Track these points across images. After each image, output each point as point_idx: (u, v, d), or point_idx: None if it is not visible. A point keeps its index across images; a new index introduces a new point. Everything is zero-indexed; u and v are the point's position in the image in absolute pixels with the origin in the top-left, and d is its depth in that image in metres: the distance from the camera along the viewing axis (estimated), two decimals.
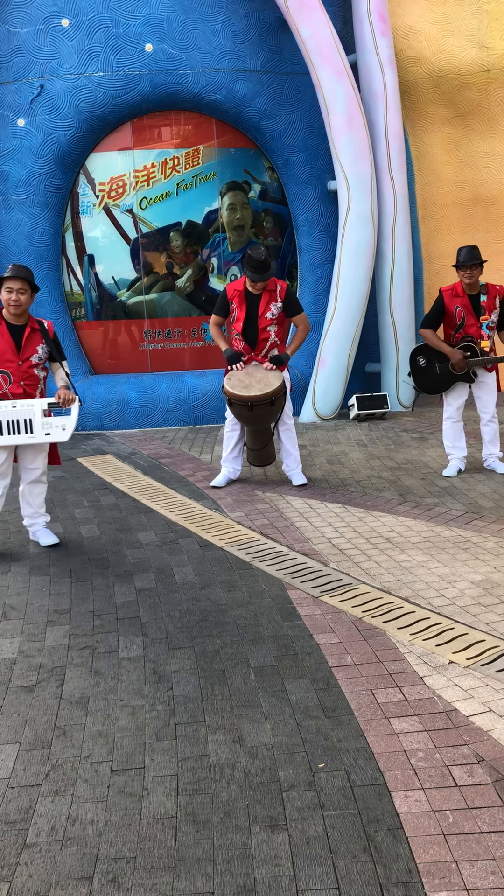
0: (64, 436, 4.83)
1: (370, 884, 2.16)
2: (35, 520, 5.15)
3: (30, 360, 4.87)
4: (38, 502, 5.10)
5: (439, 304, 6.07)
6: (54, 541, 5.11)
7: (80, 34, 8.29)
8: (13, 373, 4.85)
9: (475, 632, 3.60)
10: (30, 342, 4.87)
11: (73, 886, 2.21)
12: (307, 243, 9.14)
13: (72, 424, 4.85)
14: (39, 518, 5.16)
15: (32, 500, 5.08)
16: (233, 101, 8.51)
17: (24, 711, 3.13)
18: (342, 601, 4.01)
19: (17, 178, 8.61)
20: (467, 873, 2.17)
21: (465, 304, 5.98)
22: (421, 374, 6.26)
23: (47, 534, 5.15)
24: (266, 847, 2.32)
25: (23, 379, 4.87)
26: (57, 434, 4.83)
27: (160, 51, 8.30)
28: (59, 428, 4.83)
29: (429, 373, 6.21)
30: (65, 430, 4.83)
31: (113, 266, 9.02)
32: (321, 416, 8.79)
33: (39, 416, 4.80)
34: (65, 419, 4.85)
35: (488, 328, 5.98)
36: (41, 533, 5.15)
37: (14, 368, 4.85)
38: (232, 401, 5.80)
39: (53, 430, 4.82)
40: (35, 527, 5.16)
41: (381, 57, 8.49)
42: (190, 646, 3.62)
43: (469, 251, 5.88)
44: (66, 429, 4.84)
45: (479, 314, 5.98)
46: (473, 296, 5.99)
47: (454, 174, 9.67)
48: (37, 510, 5.12)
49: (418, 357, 6.25)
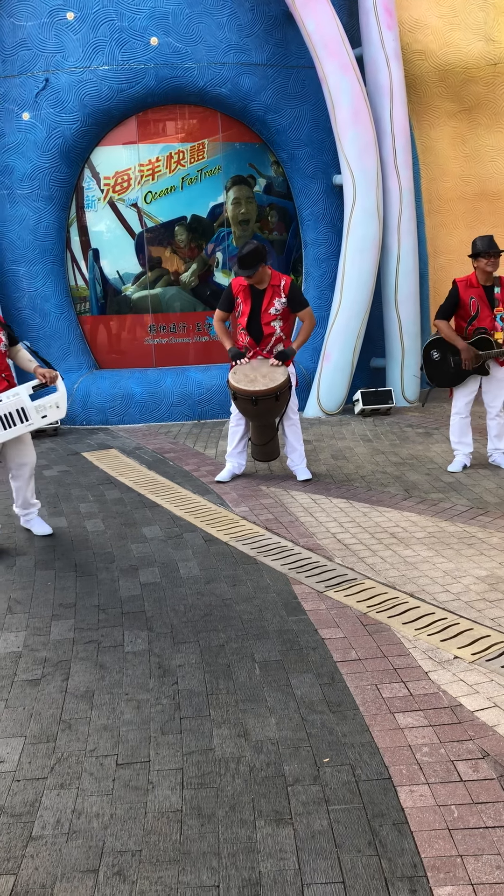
0: (60, 413, 4.79)
1: (375, 878, 2.16)
2: (29, 510, 5.18)
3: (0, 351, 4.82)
4: (31, 493, 5.14)
5: (454, 295, 6.04)
6: (48, 531, 5.15)
7: (85, 27, 8.27)
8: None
9: (480, 627, 3.60)
10: None
11: (78, 879, 2.22)
12: (312, 238, 9.12)
13: (63, 399, 4.79)
14: (33, 507, 5.19)
15: (26, 492, 5.10)
16: (238, 95, 8.49)
17: (30, 705, 3.14)
18: (347, 596, 4.01)
19: (22, 172, 8.60)
20: (472, 868, 2.17)
21: (480, 295, 5.96)
22: (434, 368, 6.22)
23: (41, 523, 5.19)
24: (271, 841, 2.32)
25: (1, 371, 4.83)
26: (53, 413, 4.77)
27: (165, 44, 8.28)
28: (54, 407, 4.77)
29: (443, 366, 6.18)
30: (59, 408, 4.78)
31: (118, 260, 9.01)
32: (326, 412, 8.78)
33: (29, 402, 4.73)
34: (55, 397, 4.78)
35: (502, 319, 5.97)
36: (35, 522, 5.19)
37: None
38: (237, 395, 5.80)
39: (49, 410, 4.77)
40: (29, 515, 5.19)
41: (387, 50, 8.46)
42: (195, 640, 3.62)
43: (489, 240, 5.88)
44: (60, 405, 4.78)
45: (493, 305, 5.97)
46: (488, 287, 5.98)
47: (460, 168, 9.64)
48: (30, 500, 5.15)
49: (432, 351, 6.22)
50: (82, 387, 8.87)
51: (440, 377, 6.22)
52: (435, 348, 6.21)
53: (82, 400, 8.84)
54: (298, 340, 5.90)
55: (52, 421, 4.82)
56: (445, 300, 6.12)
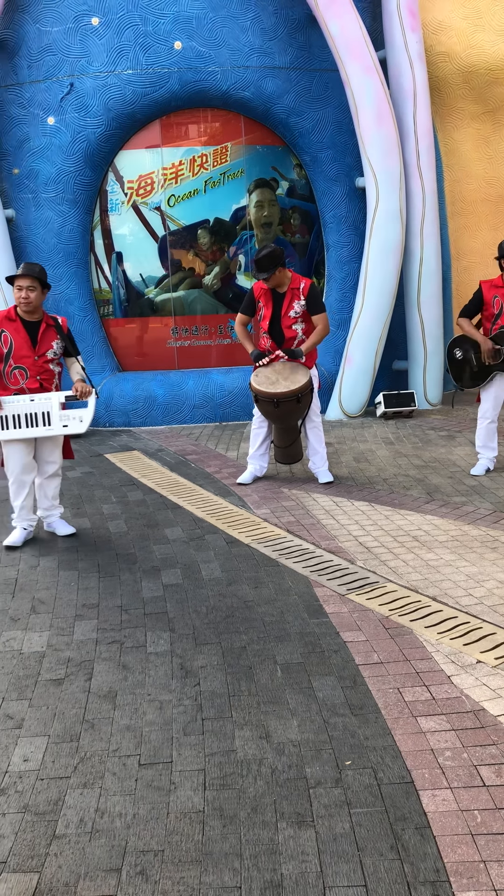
0: (81, 427, 4.91)
1: (397, 882, 2.15)
2: (50, 511, 5.26)
3: (45, 356, 4.95)
4: (54, 494, 5.21)
5: (478, 295, 6.12)
6: (71, 530, 5.23)
7: (109, 32, 8.33)
8: (29, 368, 4.93)
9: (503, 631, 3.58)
10: (45, 338, 4.94)
11: (101, 878, 2.23)
12: (335, 240, 9.11)
13: (89, 416, 4.92)
14: (55, 510, 5.26)
15: (48, 493, 5.20)
16: (261, 99, 8.51)
17: (53, 704, 3.17)
18: (369, 599, 4.00)
19: (47, 176, 8.68)
20: (495, 873, 2.16)
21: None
22: (458, 367, 6.28)
23: (63, 524, 5.27)
24: (293, 843, 2.32)
25: (39, 374, 4.95)
26: (74, 426, 4.91)
27: (189, 48, 8.32)
28: (77, 420, 4.91)
29: (466, 365, 6.23)
30: (82, 422, 4.91)
31: (141, 263, 9.06)
32: (348, 414, 8.76)
33: (57, 409, 4.89)
34: (82, 411, 4.93)
35: None
36: (57, 524, 5.27)
37: (30, 364, 4.92)
38: (259, 397, 5.81)
39: (71, 422, 4.90)
40: (51, 518, 5.26)
41: (411, 52, 8.43)
42: (217, 641, 3.63)
43: None
44: (84, 420, 4.91)
45: None
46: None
47: (484, 170, 9.58)
48: (52, 502, 5.22)
49: (455, 350, 6.27)
50: (105, 389, 8.93)
51: (464, 376, 6.25)
52: (458, 347, 6.26)
53: (105, 402, 8.89)
54: (308, 342, 5.87)
55: (72, 433, 4.93)
56: (470, 300, 6.19)
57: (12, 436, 4.88)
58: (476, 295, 6.12)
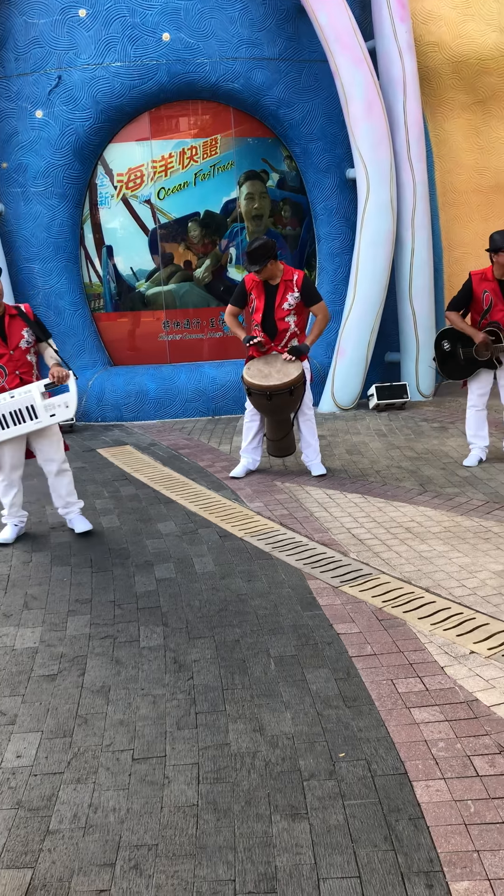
0: (68, 413, 4.77)
1: (391, 872, 2.16)
2: (68, 508, 5.16)
3: (20, 347, 4.85)
4: (67, 491, 5.11)
5: (467, 288, 6.03)
6: (86, 527, 5.13)
7: (97, 24, 8.28)
8: (6, 364, 4.84)
9: (496, 622, 3.58)
10: (13, 329, 4.84)
11: (95, 873, 2.23)
12: (326, 232, 9.09)
13: (73, 399, 4.77)
14: (72, 507, 5.17)
15: (60, 492, 5.09)
16: (250, 90, 8.47)
17: (46, 700, 3.16)
18: (362, 591, 4.00)
19: (36, 170, 8.63)
20: (489, 863, 2.17)
21: (494, 289, 5.92)
22: (445, 360, 6.22)
23: (80, 520, 5.16)
24: (287, 835, 2.32)
25: (17, 368, 4.86)
26: (62, 413, 4.76)
27: (177, 40, 8.27)
28: (63, 406, 4.76)
29: (453, 358, 6.18)
30: (69, 408, 4.76)
31: (131, 257, 9.03)
32: (340, 407, 8.76)
33: (40, 400, 4.75)
34: (65, 396, 4.78)
35: None
36: (76, 520, 5.17)
37: (7, 360, 4.84)
38: (251, 390, 5.80)
39: (57, 409, 4.76)
40: (70, 514, 5.18)
41: (400, 43, 8.40)
42: (210, 635, 3.63)
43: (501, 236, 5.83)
44: (70, 405, 4.76)
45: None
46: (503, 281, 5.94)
47: (474, 161, 9.57)
48: (67, 500, 5.13)
49: (443, 341, 6.22)
50: (97, 384, 8.90)
51: (451, 369, 6.22)
52: (445, 339, 6.21)
53: (97, 397, 8.86)
54: (312, 335, 5.88)
55: (62, 420, 4.81)
56: (458, 292, 6.11)
57: (2, 437, 4.80)
58: (465, 286, 6.05)
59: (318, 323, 5.87)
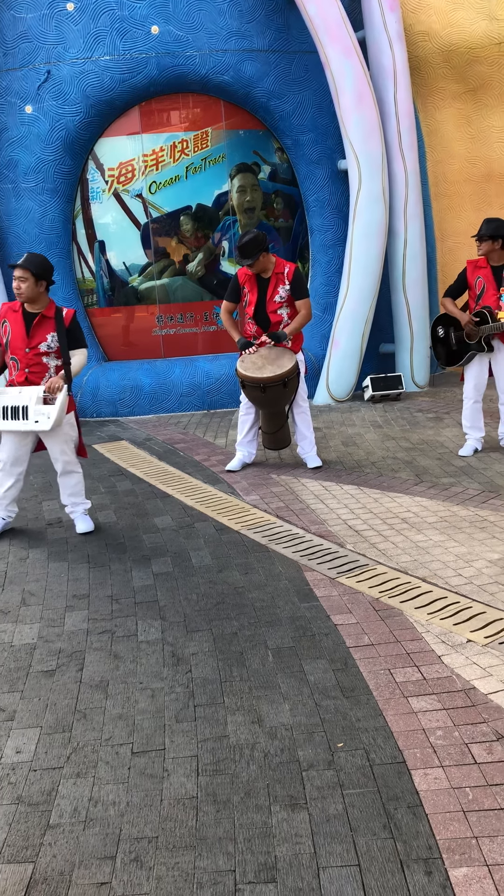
0: (47, 424, 4.72)
1: (390, 860, 2.17)
2: (73, 507, 5.16)
3: (38, 349, 4.86)
4: (72, 492, 5.09)
5: (462, 275, 6.17)
6: (88, 528, 5.10)
7: (85, 18, 8.24)
8: (20, 360, 4.87)
9: (493, 610, 3.59)
10: (39, 330, 4.85)
11: (96, 866, 2.24)
12: (318, 224, 9.07)
13: (55, 413, 4.72)
14: (78, 506, 5.16)
15: (65, 491, 5.09)
16: (241, 82, 8.44)
17: (45, 696, 3.17)
18: (359, 582, 4.01)
19: (27, 166, 8.60)
20: (487, 849, 2.18)
21: (487, 275, 5.99)
22: (440, 345, 6.35)
23: (83, 520, 5.14)
24: (286, 825, 2.33)
25: (28, 366, 4.87)
26: (43, 423, 4.73)
27: (166, 32, 8.23)
28: (45, 416, 4.73)
29: (446, 343, 6.28)
30: (49, 419, 4.72)
31: (124, 252, 9.00)
32: (335, 398, 8.76)
33: (34, 404, 4.75)
34: (49, 408, 4.75)
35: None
36: (77, 519, 5.16)
37: (22, 356, 4.87)
38: (245, 383, 5.79)
39: (41, 417, 4.74)
40: (74, 514, 5.17)
41: (390, 32, 8.38)
42: (208, 628, 3.63)
43: (487, 223, 5.88)
44: (51, 417, 4.72)
45: (500, 286, 5.97)
46: (497, 267, 5.98)
47: (466, 150, 9.55)
48: (72, 500, 5.12)
49: (438, 328, 6.34)
50: (91, 379, 8.89)
51: (445, 354, 6.34)
52: (440, 325, 6.32)
53: (92, 392, 8.85)
54: (291, 326, 5.83)
55: (39, 429, 4.77)
56: (455, 280, 6.23)
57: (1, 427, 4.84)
58: (461, 275, 6.15)
59: (300, 317, 5.84)
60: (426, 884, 2.08)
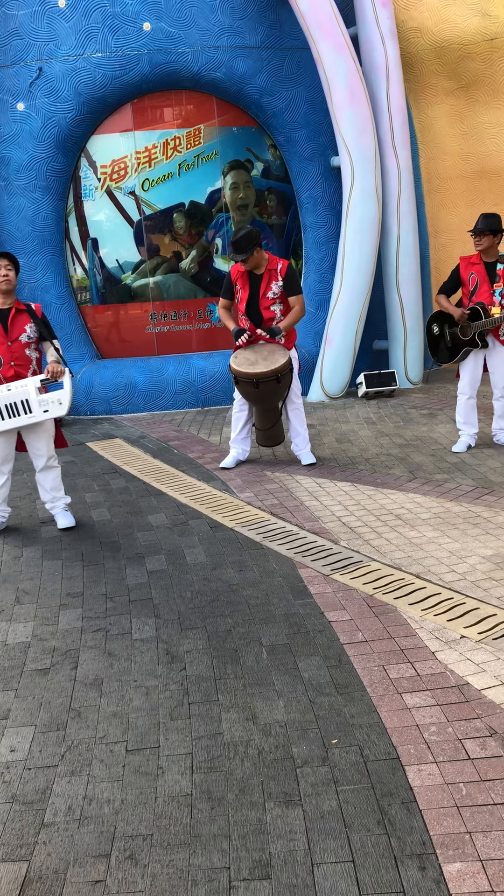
0: (62, 410, 4.82)
1: (384, 856, 2.17)
2: (54, 503, 5.18)
3: (19, 340, 4.90)
4: (52, 486, 5.12)
5: (455, 271, 6.17)
6: (69, 523, 5.13)
7: (77, 15, 8.21)
8: (3, 354, 4.88)
9: (487, 606, 3.60)
10: (16, 323, 4.90)
11: (91, 864, 2.24)
12: (311, 221, 9.07)
13: (67, 396, 4.82)
14: (58, 501, 5.18)
15: (46, 485, 5.11)
16: (233, 79, 8.43)
17: (39, 694, 3.16)
18: (353, 578, 4.02)
19: (19, 163, 8.57)
20: (481, 844, 2.19)
21: (480, 272, 6.00)
22: (435, 343, 6.36)
23: (64, 515, 5.17)
24: (281, 822, 2.34)
25: (13, 360, 4.90)
26: (55, 409, 4.82)
27: (158, 29, 8.21)
28: (56, 403, 4.82)
29: (441, 340, 6.29)
30: (62, 405, 4.82)
31: (117, 249, 8.99)
32: (329, 395, 8.76)
33: (34, 395, 4.80)
34: (59, 393, 4.84)
35: (501, 295, 5.97)
36: (59, 515, 5.17)
37: (4, 350, 4.88)
38: (238, 378, 5.79)
39: (51, 405, 4.82)
40: (55, 509, 5.19)
41: (382, 29, 8.37)
42: (202, 626, 3.63)
43: (484, 218, 5.90)
44: (63, 402, 4.82)
45: (493, 282, 5.98)
46: (490, 263, 5.99)
47: (459, 146, 9.56)
48: (52, 494, 5.14)
49: (433, 325, 6.34)
50: (85, 377, 8.87)
51: (440, 352, 6.33)
52: (435, 322, 6.33)
53: (86, 390, 8.84)
54: (286, 322, 5.84)
55: (54, 416, 4.85)
56: (448, 276, 6.24)
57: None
58: (454, 272, 6.15)
59: (294, 313, 5.85)
60: (420, 879, 2.09)
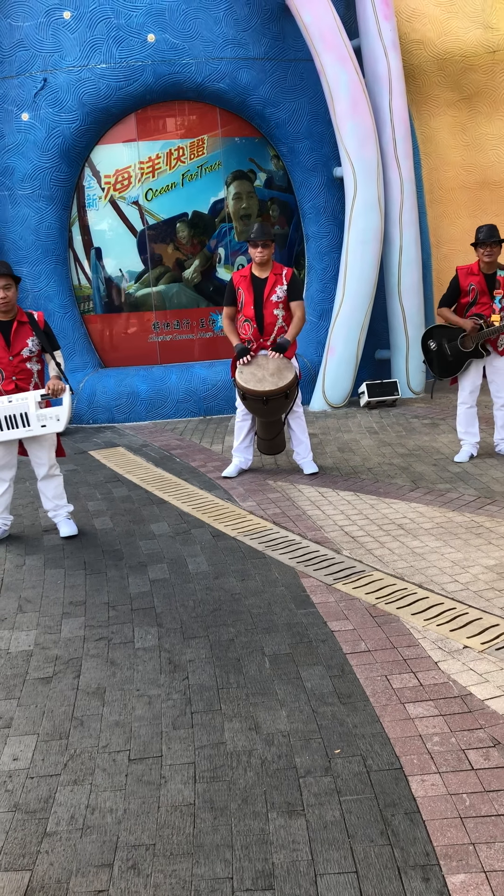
0: (59, 426, 4.83)
1: (388, 867, 2.17)
2: (56, 511, 5.19)
3: (21, 355, 4.90)
4: (54, 494, 5.13)
5: (454, 283, 6.14)
6: (72, 532, 5.13)
7: (81, 26, 8.27)
8: (4, 368, 4.89)
9: (489, 616, 3.60)
10: (18, 336, 4.89)
11: (93, 874, 2.23)
12: (314, 231, 9.10)
13: (65, 413, 4.84)
14: (61, 510, 5.19)
15: (48, 493, 5.12)
16: (236, 90, 8.48)
17: (42, 703, 3.16)
18: (355, 588, 4.02)
19: (23, 173, 8.61)
20: (485, 855, 2.18)
21: (480, 282, 6.00)
22: (434, 359, 6.29)
23: (66, 524, 5.18)
24: (284, 832, 2.33)
25: (14, 374, 4.91)
26: (52, 425, 4.84)
27: (162, 41, 8.27)
28: (54, 419, 4.83)
29: (441, 356, 6.24)
30: (59, 421, 4.83)
31: (120, 259, 9.02)
32: (331, 404, 8.77)
33: (34, 409, 4.82)
34: (58, 409, 4.85)
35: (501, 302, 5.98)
36: (61, 523, 5.18)
37: (5, 364, 4.88)
38: (246, 395, 5.80)
39: (48, 421, 4.83)
40: (57, 518, 5.20)
41: (385, 40, 8.42)
42: (204, 635, 3.63)
43: (489, 229, 5.92)
44: (61, 419, 4.83)
45: (493, 290, 6.00)
46: (489, 275, 6.00)
47: (461, 158, 9.60)
48: (55, 503, 5.15)
49: (429, 341, 6.29)
50: (88, 386, 8.89)
51: (441, 367, 6.27)
52: (431, 338, 6.28)
53: (88, 399, 8.85)
54: (292, 331, 5.90)
55: (50, 432, 4.86)
56: (447, 289, 6.19)
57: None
58: (453, 282, 6.13)
59: (298, 319, 5.91)
60: (423, 890, 2.08)
